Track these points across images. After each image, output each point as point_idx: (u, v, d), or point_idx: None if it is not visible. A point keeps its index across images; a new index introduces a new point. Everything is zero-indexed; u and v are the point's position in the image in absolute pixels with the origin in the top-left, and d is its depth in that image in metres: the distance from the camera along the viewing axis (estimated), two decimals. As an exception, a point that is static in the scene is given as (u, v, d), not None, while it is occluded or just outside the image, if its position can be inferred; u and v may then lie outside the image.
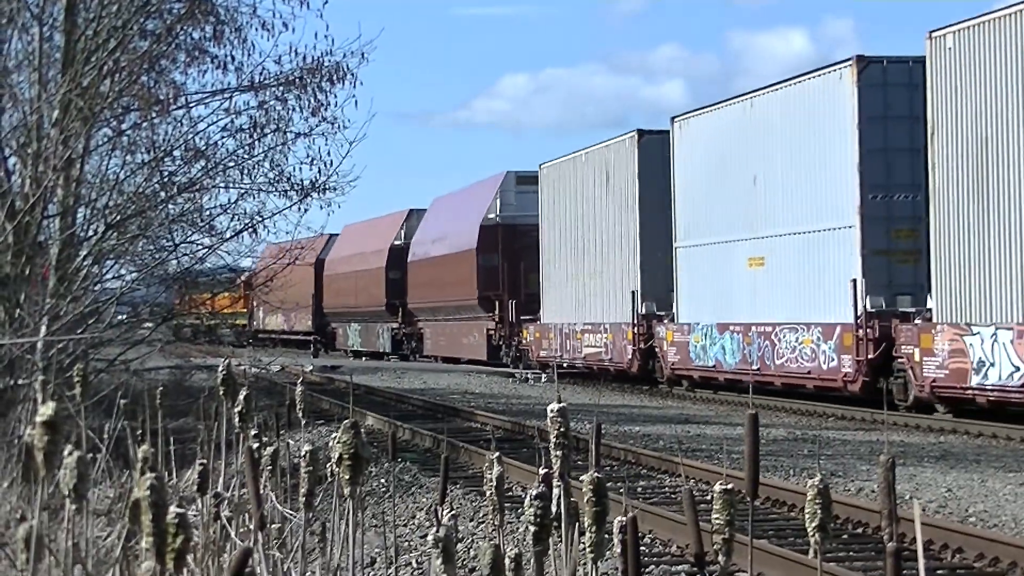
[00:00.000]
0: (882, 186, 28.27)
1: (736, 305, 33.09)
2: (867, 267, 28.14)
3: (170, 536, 2.79)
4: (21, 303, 16.86)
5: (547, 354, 44.37)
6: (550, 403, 3.60)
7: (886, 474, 3.20)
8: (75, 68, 17.85)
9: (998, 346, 24.29)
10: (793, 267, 30.85)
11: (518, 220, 49.42)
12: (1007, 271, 24.19)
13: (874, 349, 27.65)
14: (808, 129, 30.12)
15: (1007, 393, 24.24)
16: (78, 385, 5.83)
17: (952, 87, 25.36)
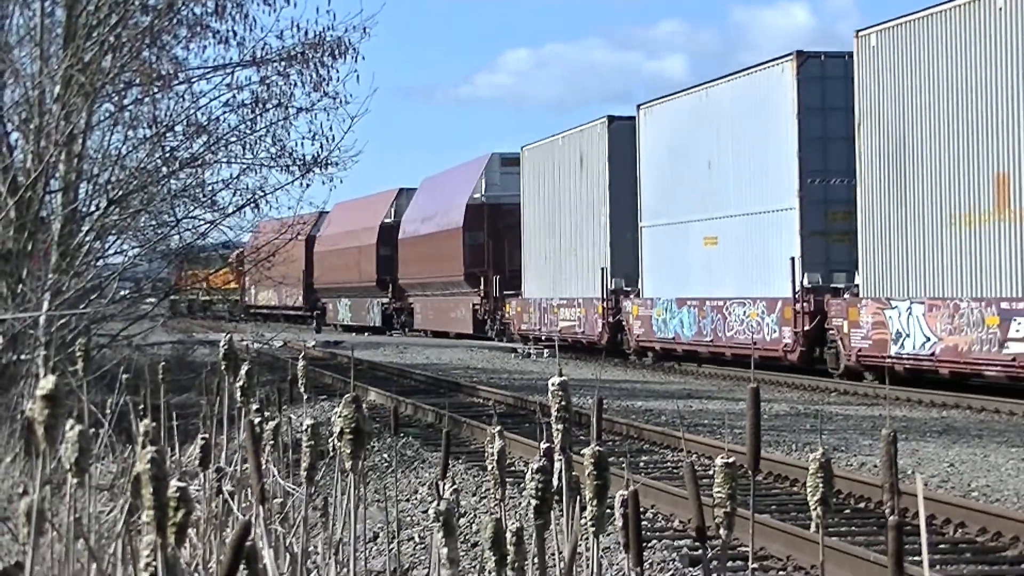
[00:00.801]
0: (820, 171, 30.65)
1: (693, 281, 35.52)
2: (805, 246, 30.54)
3: (171, 510, 2.79)
4: (23, 278, 16.87)
5: (527, 328, 46.80)
6: (551, 378, 3.59)
7: (888, 448, 3.20)
8: (76, 43, 17.82)
9: (913, 319, 26.80)
10: (742, 246, 33.22)
11: (502, 200, 51.33)
12: (920, 252, 26.68)
13: (810, 321, 30.19)
14: (755, 118, 32.35)
15: (919, 361, 26.74)
16: (80, 360, 5.84)
17: (875, 83, 27.84)
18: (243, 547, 2.55)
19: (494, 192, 52.46)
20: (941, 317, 26.02)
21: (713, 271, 34.61)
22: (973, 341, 25.16)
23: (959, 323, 25.53)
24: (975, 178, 25.18)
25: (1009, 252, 24.29)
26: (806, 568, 11.07)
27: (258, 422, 5.25)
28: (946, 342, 25.93)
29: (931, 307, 26.21)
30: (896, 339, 27.33)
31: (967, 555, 11.79)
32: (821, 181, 30.68)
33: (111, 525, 5.82)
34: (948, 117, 25.89)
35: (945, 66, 25.92)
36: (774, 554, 11.54)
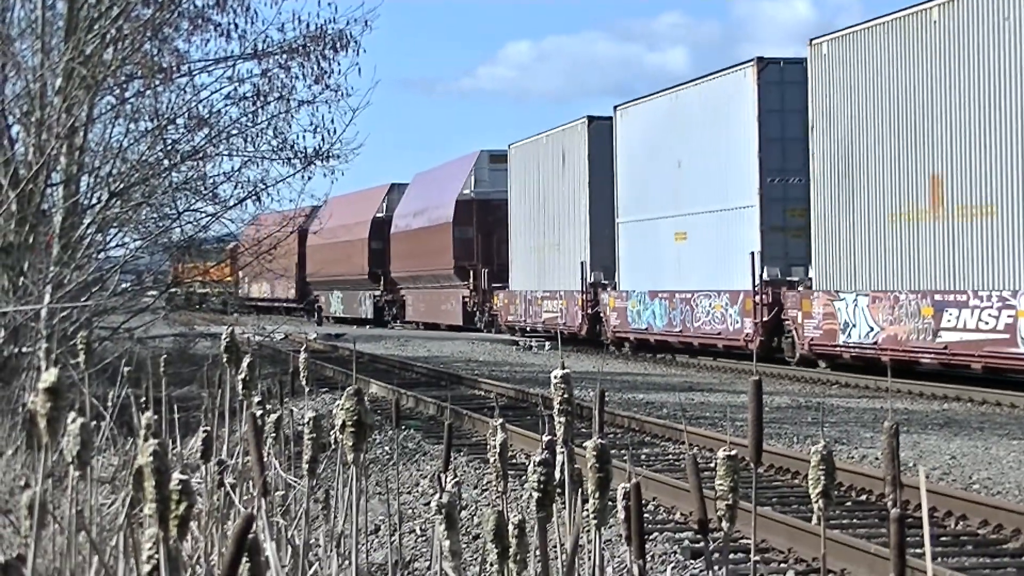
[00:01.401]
0: (779, 170, 32.36)
1: (664, 275, 37.36)
2: (765, 241, 32.33)
3: (173, 503, 2.79)
4: (25, 271, 16.87)
5: (513, 319, 48.85)
6: (554, 370, 3.59)
7: (889, 441, 3.20)
8: (78, 36, 17.82)
9: (858, 310, 28.82)
10: (708, 241, 35.00)
11: (491, 196, 53.13)
12: (865, 247, 28.66)
13: (768, 313, 32.12)
14: (719, 120, 34.20)
15: (864, 349, 28.70)
16: (82, 353, 5.84)
17: (826, 88, 29.86)
18: (245, 540, 2.55)
19: (483, 188, 54.13)
20: (883, 308, 27.92)
21: (683, 265, 36.39)
22: (911, 331, 27.03)
23: (899, 314, 27.46)
24: (912, 179, 27.03)
25: (942, 248, 26.16)
26: (808, 561, 11.07)
27: (260, 415, 5.25)
28: (887, 331, 27.75)
29: (874, 299, 28.22)
30: (844, 329, 29.26)
31: (969, 548, 11.79)
32: (780, 180, 32.38)
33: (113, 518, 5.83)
34: (890, 122, 27.69)
35: (888, 74, 27.74)
36: (776, 546, 11.55)
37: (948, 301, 25.91)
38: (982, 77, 25.05)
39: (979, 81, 25.14)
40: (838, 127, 29.49)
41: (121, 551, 4.36)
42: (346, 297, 69.67)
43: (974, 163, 25.29)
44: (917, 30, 26.73)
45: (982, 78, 25.05)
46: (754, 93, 32.56)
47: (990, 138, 24.89)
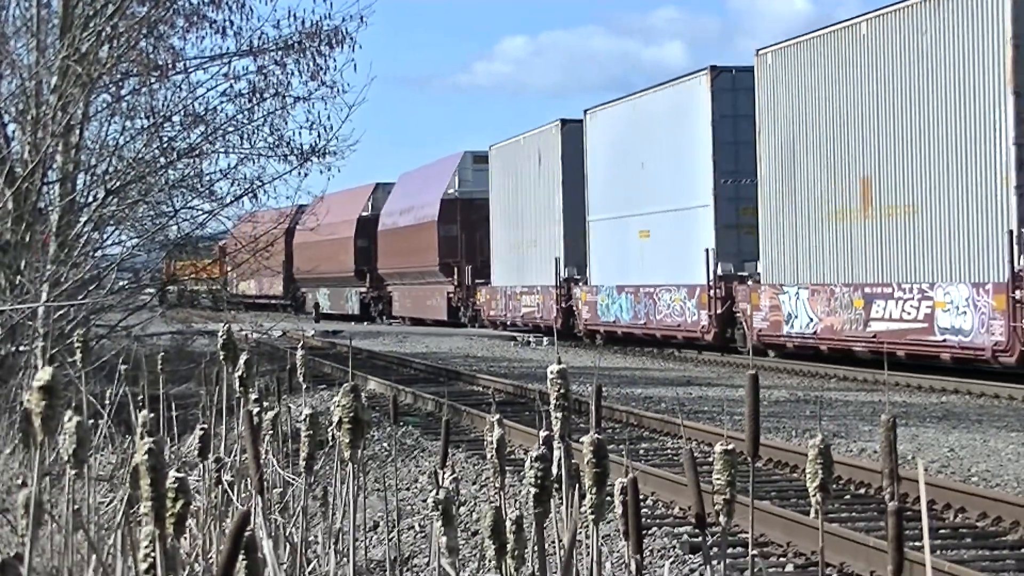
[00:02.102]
0: (732, 172, 34.45)
1: (630, 270, 39.43)
2: (719, 239, 34.58)
3: (169, 501, 2.79)
4: (22, 269, 16.86)
5: (495, 314, 50.94)
6: (551, 366, 3.59)
7: (887, 434, 3.20)
8: (73, 34, 17.80)
9: (799, 302, 31.09)
10: (669, 238, 37.26)
11: (474, 195, 54.89)
12: (805, 243, 30.98)
13: (722, 306, 34.31)
14: (678, 124, 36.43)
15: (805, 339, 30.90)
16: (79, 351, 5.83)
17: (771, 96, 32.05)
18: (242, 537, 2.54)
19: (467, 188, 55.91)
20: (821, 300, 30.24)
21: (646, 261, 38.48)
22: (845, 321, 29.29)
23: (834, 306, 29.71)
24: (845, 181, 29.41)
25: (871, 245, 28.52)
26: (806, 554, 11.07)
27: (257, 412, 5.25)
28: (824, 322, 30.04)
29: (813, 292, 30.50)
30: (788, 320, 31.53)
31: (967, 540, 11.79)
32: (733, 181, 34.45)
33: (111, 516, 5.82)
34: (826, 128, 30.01)
35: (824, 84, 30.03)
36: (774, 540, 11.55)
37: (876, 294, 28.18)
38: (905, 87, 27.27)
39: (903, 91, 27.34)
40: (781, 132, 31.70)
41: (119, 550, 4.36)
42: (333, 294, 71.44)
43: (899, 167, 27.51)
44: (848, 43, 29.06)
45: (905, 88, 27.27)
46: (708, 99, 34.86)
47: (913, 144, 27.08)
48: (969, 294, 25.48)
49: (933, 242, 26.63)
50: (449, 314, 56.38)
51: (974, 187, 25.40)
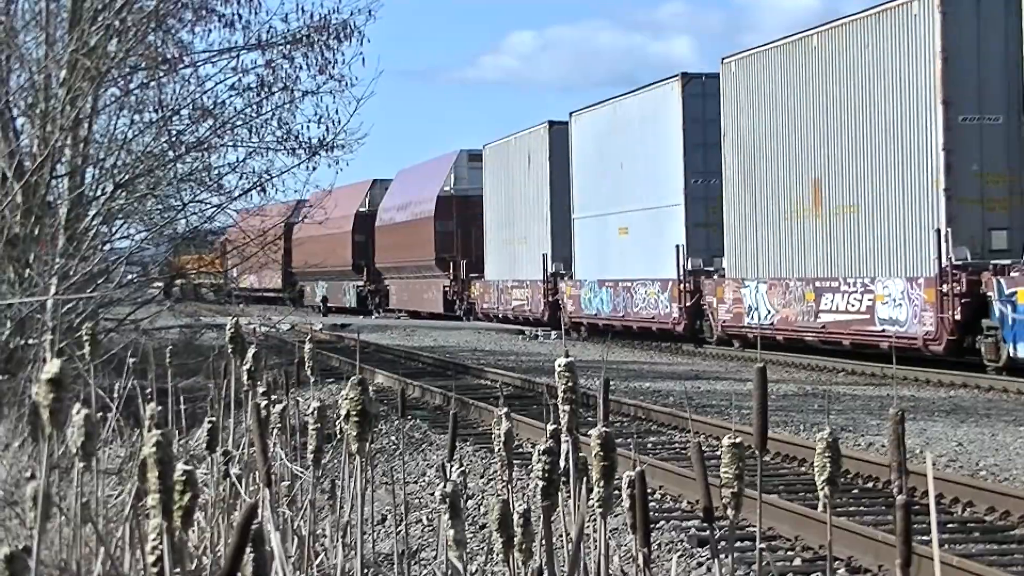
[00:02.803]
0: (701, 172, 36.70)
1: (610, 265, 41.76)
2: (690, 236, 36.84)
3: (177, 493, 2.79)
4: (30, 263, 16.88)
5: (488, 306, 53.59)
6: (558, 359, 3.58)
7: (895, 428, 3.20)
8: (82, 27, 17.81)
9: (759, 295, 33.21)
10: (645, 235, 39.40)
11: (469, 192, 56.73)
12: (764, 240, 33.18)
13: (690, 299, 36.68)
14: (653, 128, 38.70)
15: (764, 330, 32.43)
16: (87, 344, 5.84)
17: (734, 102, 34.28)
18: (250, 530, 2.55)
19: (462, 185, 57.87)
20: (777, 293, 32.44)
21: (625, 256, 40.68)
22: (798, 313, 31.56)
23: (789, 298, 31.94)
24: (799, 182, 31.61)
25: (821, 241, 30.79)
26: (814, 548, 11.07)
27: (265, 405, 5.25)
28: (781, 314, 32.27)
29: (771, 285, 32.72)
30: (749, 312, 33.68)
31: (975, 534, 11.78)
32: (703, 181, 36.63)
33: (119, 509, 5.83)
34: (781, 132, 32.20)
35: (780, 91, 32.26)
36: (782, 534, 11.55)
37: (825, 287, 30.46)
38: (851, 95, 29.47)
39: (848, 99, 29.57)
40: (743, 136, 33.95)
41: (127, 542, 4.36)
42: (331, 287, 73.19)
43: (845, 169, 29.79)
44: (802, 54, 31.41)
45: (851, 96, 29.48)
46: (679, 104, 37.23)
47: (857, 148, 29.27)
48: (904, 288, 27.68)
49: (874, 240, 28.81)
50: (445, 307, 58.21)
51: (909, 189, 27.58)
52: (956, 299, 25.95)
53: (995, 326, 25.32)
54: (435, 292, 59.23)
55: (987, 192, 26.57)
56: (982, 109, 26.60)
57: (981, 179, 26.61)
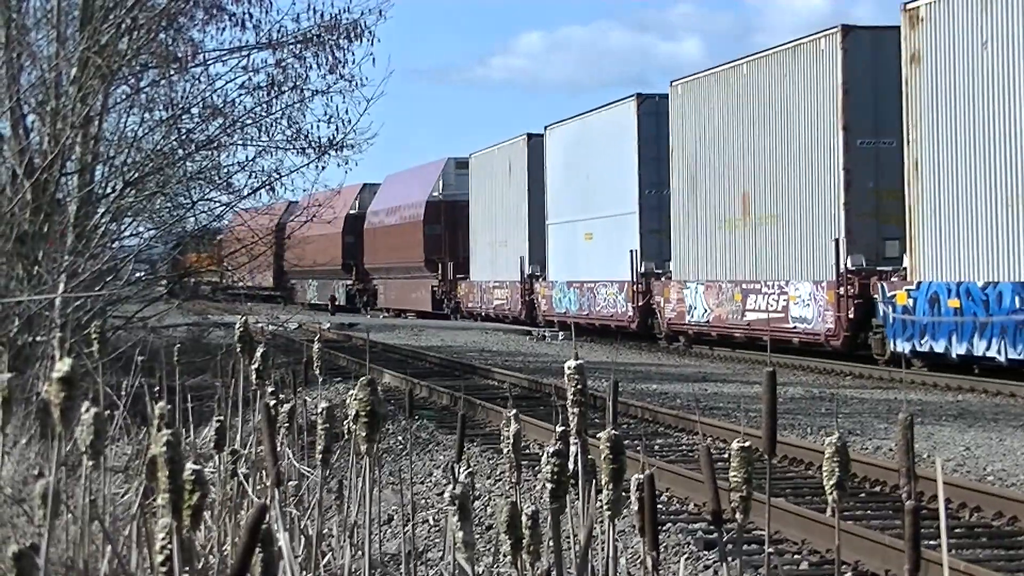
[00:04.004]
0: (655, 184, 40.23)
1: (578, 268, 45.66)
2: (643, 241, 40.55)
3: (187, 493, 2.79)
4: (39, 260, 16.89)
5: (473, 305, 57.48)
6: (567, 361, 3.58)
7: (904, 432, 3.19)
8: (93, 25, 17.82)
9: (698, 296, 37.00)
10: (606, 240, 42.95)
11: (457, 197, 60.16)
12: (702, 246, 36.91)
13: (642, 299, 40.40)
14: (614, 142, 42.33)
15: (701, 327, 36.92)
16: (96, 342, 5.84)
17: (680, 121, 38.23)
18: (259, 530, 2.55)
19: (450, 191, 61.05)
20: (712, 294, 36.09)
21: (590, 260, 44.32)
22: (729, 312, 35.14)
23: (721, 299, 35.56)
24: (731, 195, 35.27)
25: (748, 248, 34.45)
26: (821, 552, 11.06)
27: (273, 404, 5.25)
28: (715, 312, 35.94)
29: (707, 287, 36.42)
30: (689, 311, 37.53)
31: (983, 539, 11.77)
32: (656, 191, 40.17)
33: (126, 507, 5.83)
34: (719, 150, 35.87)
35: (718, 113, 35.97)
36: (789, 538, 11.54)
37: (750, 289, 34.14)
38: (772, 118, 33.18)
39: (770, 121, 33.28)
40: (687, 152, 37.76)
41: (134, 540, 4.36)
42: (321, 286, 76.74)
43: (767, 183, 33.45)
44: (735, 80, 35.14)
45: (772, 119, 33.19)
46: (635, 122, 40.99)
47: (777, 164, 32.94)
48: (811, 290, 31.55)
49: (788, 247, 32.71)
50: (434, 306, 61.29)
51: (816, 203, 31.45)
52: (850, 300, 29.75)
53: (881, 324, 29.07)
54: (424, 292, 62.34)
55: (882, 207, 29.98)
56: (878, 134, 30.23)
57: (877, 195, 30.14)
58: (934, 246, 27.46)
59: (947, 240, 27.05)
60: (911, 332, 27.92)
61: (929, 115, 27.38)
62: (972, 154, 26.23)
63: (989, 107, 25.82)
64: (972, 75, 26.19)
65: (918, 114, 27.65)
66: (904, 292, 28.12)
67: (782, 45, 33.30)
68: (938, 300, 27.21)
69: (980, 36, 26.01)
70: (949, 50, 26.86)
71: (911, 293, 27.92)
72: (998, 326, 25.49)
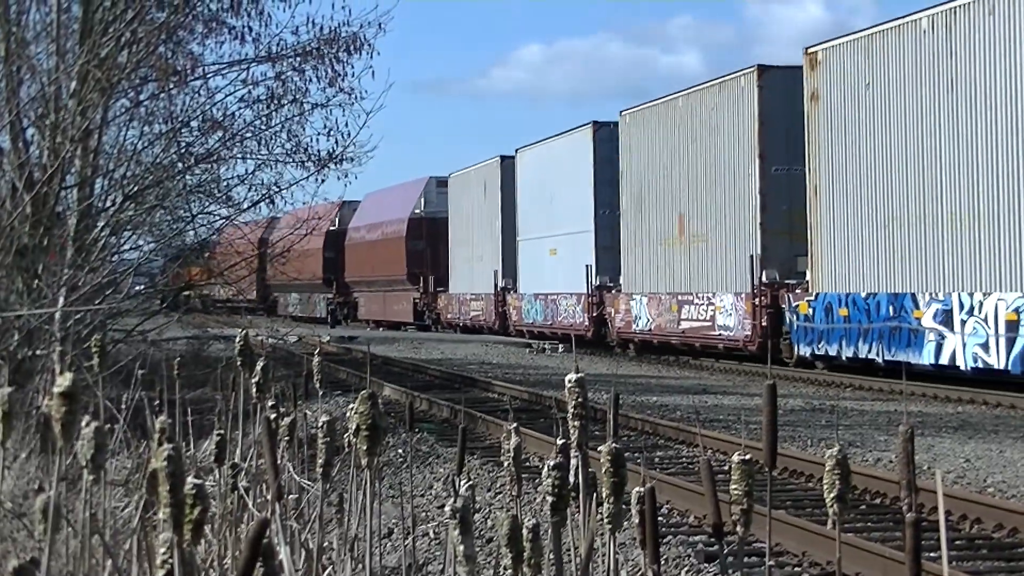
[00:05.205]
0: (608, 204, 43.66)
1: (543, 281, 49.43)
2: (599, 257, 44.25)
3: (188, 507, 2.79)
4: (39, 274, 16.89)
5: (451, 316, 61.13)
6: (567, 373, 3.58)
7: (905, 445, 3.19)
8: (93, 39, 17.83)
9: (642, 306, 40.93)
10: (567, 256, 46.72)
11: (437, 214, 63.66)
12: (646, 261, 40.88)
13: (596, 309, 44.33)
14: (573, 166, 46.11)
15: (644, 335, 40.95)
16: (96, 355, 5.84)
17: (628, 148, 42.13)
18: (260, 544, 2.55)
19: (431, 208, 64.62)
20: (654, 305, 39.99)
21: (554, 274, 47.94)
22: (667, 321, 39.10)
23: (661, 309, 39.48)
24: (669, 215, 39.27)
25: (684, 263, 38.37)
26: (822, 564, 11.05)
27: (274, 418, 5.24)
28: (656, 322, 39.93)
29: (650, 298, 40.33)
30: (635, 320, 41.42)
31: (983, 551, 11.76)
32: (609, 212, 43.55)
33: (126, 521, 5.83)
34: (661, 174, 39.77)
35: (660, 141, 39.88)
36: (790, 550, 11.53)
37: (685, 300, 38.03)
38: (702, 146, 37.08)
39: (700, 148, 37.17)
40: (634, 176, 41.54)
41: (135, 555, 4.36)
42: (303, 299, 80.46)
43: (699, 205, 37.35)
44: (672, 112, 39.18)
45: (702, 146, 37.08)
46: (590, 148, 44.63)
47: (706, 187, 36.85)
48: (733, 301, 35.18)
49: (715, 262, 36.42)
50: (415, 317, 64.82)
51: (738, 222, 35.02)
52: (764, 310, 33.53)
53: (788, 331, 32.86)
54: (406, 304, 65.83)
55: (794, 227, 33.01)
56: (790, 161, 33.39)
57: (790, 216, 33.29)
58: (829, 261, 31.40)
59: (839, 256, 30.98)
60: (811, 337, 31.87)
61: (826, 146, 31.39)
62: (858, 181, 30.14)
63: (871, 140, 29.69)
64: (858, 112, 30.15)
65: (817, 145, 31.66)
66: (805, 302, 32.13)
67: (711, 81, 37.18)
68: (831, 309, 31.20)
69: (864, 78, 29.99)
70: (840, 89, 30.87)
71: (811, 303, 31.91)
72: (876, 331, 29.44)
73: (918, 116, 28.12)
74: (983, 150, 26.27)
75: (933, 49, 27.67)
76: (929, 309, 27.73)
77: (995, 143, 25.97)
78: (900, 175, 28.60)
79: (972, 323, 26.43)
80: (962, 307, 26.73)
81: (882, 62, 29.32)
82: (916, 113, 28.17)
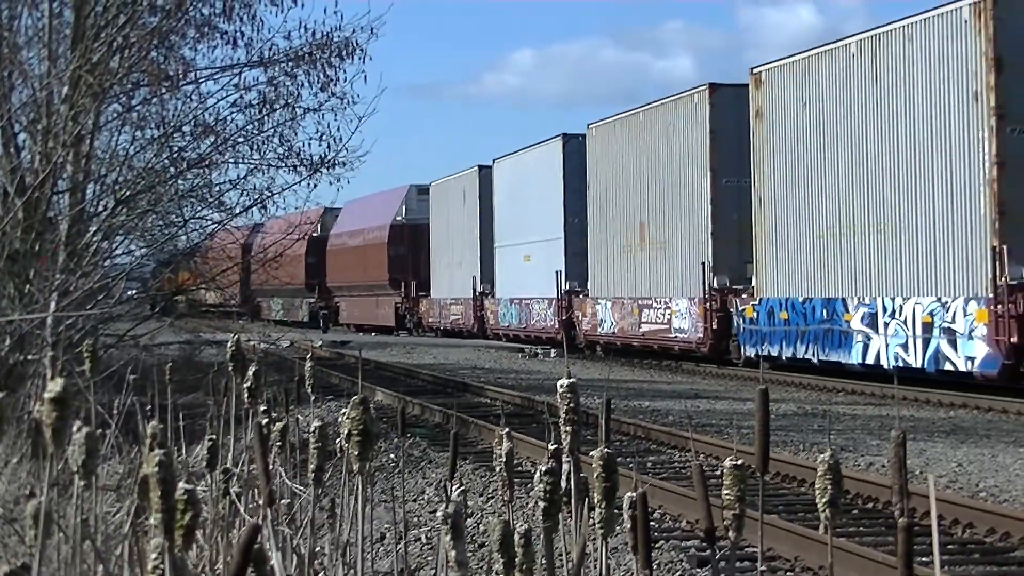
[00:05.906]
0: (577, 213, 45.97)
1: (518, 286, 51.71)
2: (569, 263, 46.72)
3: (179, 512, 2.78)
4: (31, 279, 16.86)
5: (433, 320, 63.89)
6: (559, 378, 3.58)
7: (897, 449, 3.19)
8: (85, 44, 17.81)
9: (606, 310, 43.50)
10: (540, 262, 49.25)
11: (419, 221, 66.04)
12: (609, 267, 43.31)
13: (566, 313, 46.79)
14: (543, 177, 48.55)
15: (609, 337, 43.42)
16: (87, 361, 5.83)
17: (594, 160, 44.50)
18: (252, 550, 2.54)
19: (412, 215, 66.93)
20: (617, 309, 42.44)
21: (528, 279, 50.28)
22: (629, 324, 41.50)
23: (624, 313, 41.88)
24: (631, 224, 41.54)
25: (644, 269, 40.67)
26: (814, 569, 11.06)
27: (266, 423, 5.24)
28: (619, 325, 42.34)
29: (614, 302, 42.80)
30: (600, 324, 43.85)
31: (975, 556, 11.77)
32: (578, 220, 45.76)
33: (118, 526, 5.81)
34: (624, 185, 42.14)
35: (623, 154, 42.22)
36: (782, 555, 11.53)
37: (645, 304, 40.42)
38: (659, 159, 39.52)
39: (658, 161, 39.56)
40: (600, 186, 43.90)
41: (126, 560, 4.35)
42: (285, 303, 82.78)
43: (657, 214, 39.71)
44: (634, 125, 41.54)
45: (659, 160, 39.51)
46: (560, 159, 47.14)
47: (663, 198, 39.31)
48: (687, 305, 37.61)
49: (671, 268, 38.83)
50: (397, 321, 67.12)
51: (692, 231, 37.38)
52: (714, 314, 35.91)
53: (735, 333, 35.05)
54: (388, 308, 67.92)
55: (743, 235, 34.79)
56: (740, 174, 35.15)
57: (739, 226, 35.16)
58: (772, 268, 33.43)
59: (780, 263, 33.03)
60: (756, 339, 33.92)
61: (768, 160, 33.40)
62: (797, 193, 32.30)
63: (808, 155, 31.77)
64: (797, 129, 32.30)
65: (761, 159, 33.68)
66: (751, 306, 34.24)
67: (668, 97, 39.60)
68: (773, 313, 33.26)
69: (802, 97, 32.10)
70: (781, 107, 32.96)
71: (755, 307, 33.98)
72: (812, 334, 31.58)
73: (847, 134, 30.29)
74: (903, 166, 28.36)
75: (860, 72, 29.92)
76: (857, 312, 29.92)
77: (912, 160, 28.06)
78: (832, 188, 30.76)
79: (894, 325, 28.60)
80: (885, 310, 28.86)
81: (817, 83, 31.51)
82: (846, 131, 30.36)
